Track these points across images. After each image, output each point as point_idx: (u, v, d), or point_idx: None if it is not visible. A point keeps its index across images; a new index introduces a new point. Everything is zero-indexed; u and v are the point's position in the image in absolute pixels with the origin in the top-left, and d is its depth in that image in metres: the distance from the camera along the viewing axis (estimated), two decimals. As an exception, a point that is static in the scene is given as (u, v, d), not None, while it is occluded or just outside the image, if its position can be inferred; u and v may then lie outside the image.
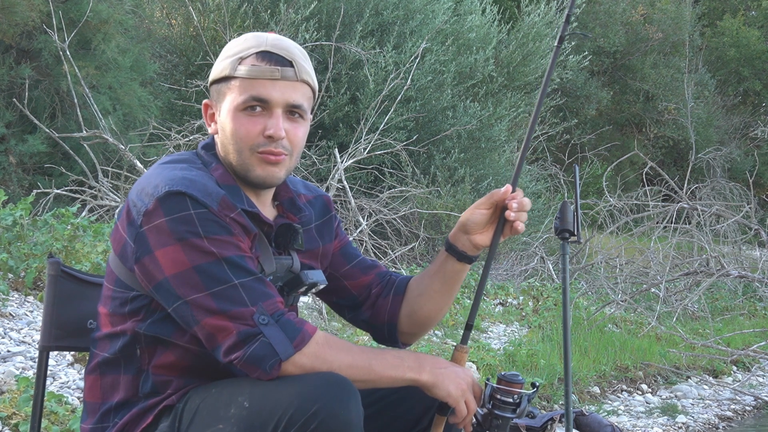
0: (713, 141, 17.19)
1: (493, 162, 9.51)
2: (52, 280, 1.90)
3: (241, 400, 1.56)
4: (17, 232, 4.60)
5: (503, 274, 8.76)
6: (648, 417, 4.82)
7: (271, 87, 1.67)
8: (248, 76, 1.66)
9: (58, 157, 6.80)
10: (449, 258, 1.84)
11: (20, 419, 2.88)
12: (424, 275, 1.91)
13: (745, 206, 8.18)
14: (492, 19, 10.11)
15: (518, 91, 10.72)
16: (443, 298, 1.89)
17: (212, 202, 1.59)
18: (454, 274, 1.86)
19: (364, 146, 7.42)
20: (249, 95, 1.66)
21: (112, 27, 7.01)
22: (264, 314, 1.57)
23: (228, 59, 1.70)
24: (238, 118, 1.67)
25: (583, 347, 5.67)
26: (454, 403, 1.67)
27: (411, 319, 1.92)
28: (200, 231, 1.57)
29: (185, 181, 1.60)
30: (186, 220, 1.57)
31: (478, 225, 1.80)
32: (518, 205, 1.77)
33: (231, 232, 1.60)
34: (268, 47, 1.68)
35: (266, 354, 1.55)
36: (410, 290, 1.91)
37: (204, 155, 1.74)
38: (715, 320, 7.39)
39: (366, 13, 8.53)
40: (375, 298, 1.93)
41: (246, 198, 1.70)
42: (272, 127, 1.66)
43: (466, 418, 1.69)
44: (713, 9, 21.98)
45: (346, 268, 1.93)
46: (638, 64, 17.97)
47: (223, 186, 1.67)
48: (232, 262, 1.58)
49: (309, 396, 1.52)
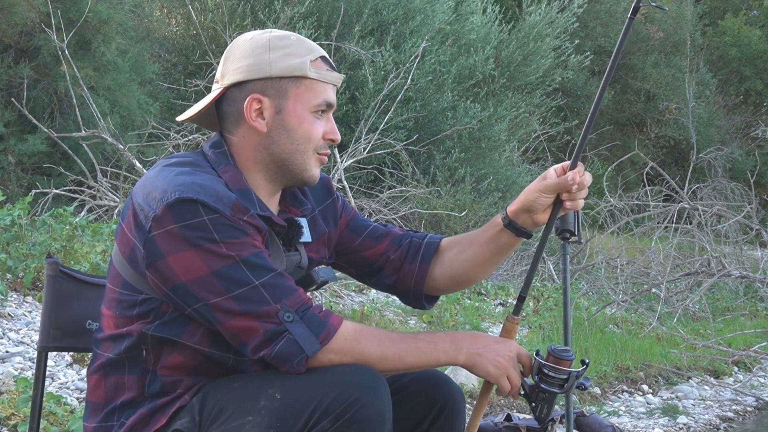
0: (714, 141, 17.18)
1: (493, 162, 9.50)
2: (51, 280, 1.89)
3: (272, 392, 1.57)
4: (16, 232, 4.58)
5: (503, 274, 8.74)
6: (649, 418, 4.81)
7: (332, 92, 1.75)
8: (322, 80, 1.71)
9: (57, 157, 6.79)
10: (506, 232, 1.85)
11: (19, 420, 2.87)
12: (472, 242, 1.91)
13: (747, 206, 8.16)
14: (493, 19, 10.10)
15: (519, 91, 10.71)
16: (492, 265, 1.93)
17: (224, 207, 1.59)
18: (509, 247, 1.88)
19: (363, 146, 7.41)
20: (323, 99, 1.71)
21: (113, 28, 7.00)
22: (289, 311, 1.58)
23: (297, 58, 1.70)
24: (310, 120, 1.72)
25: (584, 348, 5.66)
26: (495, 381, 1.70)
27: (452, 280, 1.95)
28: (215, 236, 1.57)
29: (195, 187, 1.59)
30: (199, 226, 1.57)
31: (542, 206, 1.81)
32: (578, 185, 1.77)
33: (246, 233, 1.60)
34: (323, 53, 1.75)
35: (293, 351, 1.57)
36: (450, 254, 1.93)
37: (212, 155, 1.72)
38: (716, 321, 7.37)
39: (365, 13, 8.52)
40: (399, 263, 1.94)
41: (258, 200, 1.69)
42: (334, 131, 1.75)
43: (512, 391, 1.73)
44: (714, 8, 21.98)
45: (358, 242, 1.94)
46: (639, 63, 17.96)
47: (234, 190, 1.65)
48: (250, 263, 1.59)
49: (343, 387, 1.54)
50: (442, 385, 1.83)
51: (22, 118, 6.49)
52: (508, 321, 1.79)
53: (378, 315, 5.76)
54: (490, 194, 8.96)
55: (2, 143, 6.65)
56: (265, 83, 1.69)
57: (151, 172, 1.69)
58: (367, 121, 7.50)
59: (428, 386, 1.82)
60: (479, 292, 7.53)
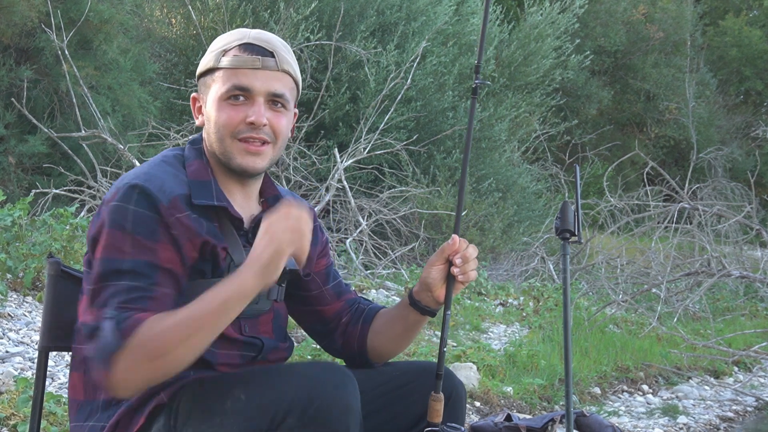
0: (714, 141, 17.19)
1: (493, 162, 9.50)
2: (52, 280, 1.89)
3: (237, 393, 1.58)
4: (16, 232, 4.58)
5: (504, 274, 8.75)
6: (649, 418, 4.81)
7: (252, 76, 1.71)
8: (231, 66, 1.71)
9: (57, 157, 6.79)
10: (412, 310, 1.87)
11: (19, 420, 2.86)
12: (387, 317, 1.94)
13: (747, 206, 8.16)
14: (494, 19, 10.10)
15: (519, 91, 10.71)
16: (403, 341, 1.95)
17: (164, 198, 1.63)
18: (416, 324, 1.90)
19: (364, 146, 7.41)
20: (232, 84, 1.71)
21: (114, 27, 7.00)
22: (113, 311, 1.55)
23: (213, 53, 1.76)
24: (222, 107, 1.72)
25: (584, 348, 5.66)
26: (300, 246, 1.55)
27: (375, 351, 1.95)
28: (129, 226, 1.60)
29: (146, 176, 1.65)
30: (123, 211, 1.61)
31: (438, 281, 1.82)
32: (462, 259, 1.78)
33: (157, 239, 1.60)
34: (250, 39, 1.74)
35: (100, 348, 1.52)
36: (375, 324, 1.94)
37: (188, 150, 1.78)
38: (716, 321, 7.38)
39: (369, 14, 8.53)
40: (345, 327, 1.95)
41: (217, 192, 1.72)
42: (254, 114, 1.70)
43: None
44: (714, 8, 21.98)
45: (327, 287, 1.94)
46: (639, 63, 17.97)
47: (193, 181, 1.70)
48: (136, 265, 1.58)
49: (306, 383, 1.55)
50: (444, 378, 1.84)
51: (23, 119, 6.49)
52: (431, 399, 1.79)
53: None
54: (490, 194, 8.96)
55: (2, 144, 6.65)
56: (199, 81, 1.79)
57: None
58: (367, 121, 7.50)
59: (431, 380, 1.82)
60: (479, 292, 7.53)
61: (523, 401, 4.39)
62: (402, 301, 1.92)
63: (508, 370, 4.79)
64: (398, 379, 1.88)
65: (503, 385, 4.47)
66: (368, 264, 7.27)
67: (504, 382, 4.56)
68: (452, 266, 1.79)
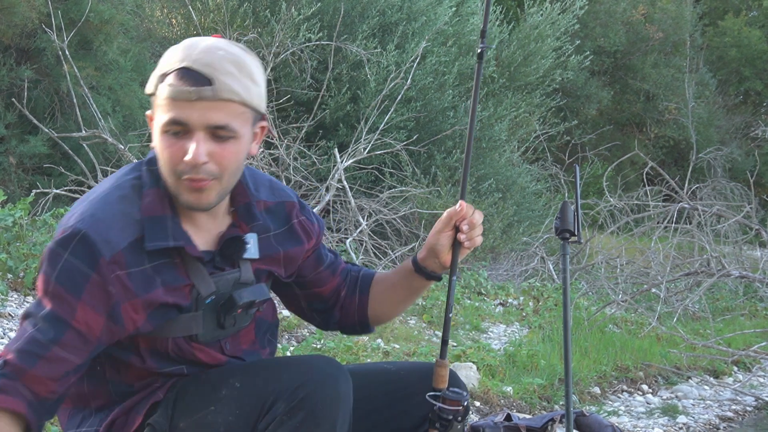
0: (714, 141, 17.18)
1: (493, 162, 9.50)
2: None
3: (233, 381, 1.59)
4: (16, 232, 4.59)
5: (503, 274, 8.75)
6: (648, 417, 4.81)
7: (188, 108, 1.55)
8: (168, 96, 1.56)
9: (58, 157, 6.79)
10: (417, 276, 1.88)
11: (19, 420, 2.87)
12: (386, 284, 1.95)
13: (746, 206, 8.17)
14: (494, 19, 10.11)
15: (519, 91, 10.71)
16: (405, 305, 1.98)
17: (107, 252, 1.54)
18: (421, 288, 1.92)
19: (364, 146, 7.41)
20: (169, 117, 1.56)
21: (115, 27, 7.00)
22: (7, 358, 1.53)
23: (154, 74, 1.61)
24: (164, 140, 1.58)
25: (584, 347, 5.66)
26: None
27: (375, 316, 1.97)
28: (55, 275, 1.54)
29: (93, 220, 1.56)
30: (56, 257, 1.55)
31: (446, 248, 1.83)
32: (468, 225, 1.81)
33: (80, 297, 1.54)
34: (190, 63, 1.55)
35: None
36: (375, 290, 1.95)
37: (145, 174, 1.66)
38: (716, 320, 7.38)
39: (371, 14, 8.53)
40: (343, 300, 1.95)
41: (174, 228, 1.62)
42: (191, 152, 1.55)
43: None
44: (714, 9, 21.97)
45: (319, 270, 1.92)
46: (639, 63, 17.96)
47: (147, 218, 1.61)
48: (48, 316, 1.54)
49: (298, 372, 1.57)
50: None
51: (23, 119, 6.49)
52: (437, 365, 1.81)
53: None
54: (490, 194, 8.96)
55: (3, 144, 6.65)
56: (150, 99, 1.64)
57: (97, 185, 1.70)
58: (367, 121, 7.50)
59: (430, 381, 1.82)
60: (479, 292, 7.53)
61: (523, 401, 4.40)
62: (403, 269, 1.91)
63: (508, 369, 4.79)
64: (400, 380, 1.88)
65: (503, 385, 4.48)
66: (368, 264, 7.28)
67: (504, 381, 4.56)
68: (459, 232, 1.81)
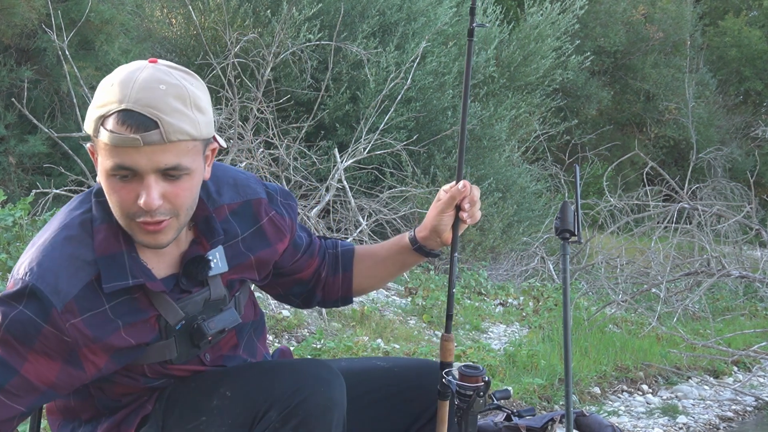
0: (714, 141, 17.18)
1: (493, 161, 9.50)
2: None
3: (224, 391, 1.58)
4: (16, 232, 4.59)
5: (503, 274, 8.75)
6: (648, 417, 4.82)
7: (135, 154, 1.45)
8: (110, 143, 1.46)
9: (58, 157, 6.79)
10: (414, 254, 1.90)
11: (19, 420, 2.87)
12: (375, 259, 1.94)
13: (746, 206, 8.17)
14: (494, 19, 10.11)
15: (519, 91, 10.71)
16: (392, 278, 2.03)
17: (58, 302, 1.48)
18: (413, 263, 1.96)
19: (364, 146, 7.41)
20: (114, 163, 1.47)
21: (115, 27, 7.00)
22: None
23: (92, 114, 1.50)
24: (111, 184, 1.51)
25: (584, 347, 5.67)
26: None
27: (360, 289, 1.98)
28: (6, 323, 1.49)
29: (40, 271, 1.50)
30: (8, 308, 1.49)
31: (448, 226, 1.85)
32: (470, 202, 1.84)
33: (31, 347, 1.49)
34: (130, 104, 1.45)
35: None
36: (361, 266, 1.95)
37: (95, 208, 1.59)
38: (716, 320, 7.38)
39: (371, 14, 8.53)
40: (324, 280, 1.94)
41: (131, 264, 1.56)
42: (144, 196, 1.48)
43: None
44: (714, 9, 21.97)
45: (296, 259, 1.88)
46: (639, 63, 17.96)
47: (101, 258, 1.54)
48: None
49: (291, 378, 1.55)
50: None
51: (23, 119, 6.50)
52: (443, 339, 1.80)
53: (378, 315, 5.77)
54: (490, 194, 8.96)
55: (3, 144, 6.66)
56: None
57: (48, 224, 1.63)
58: (367, 121, 7.50)
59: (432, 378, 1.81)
60: (479, 292, 7.53)
61: (523, 401, 4.40)
62: (396, 245, 1.93)
63: (508, 369, 4.80)
64: (394, 376, 1.88)
65: (503, 385, 4.48)
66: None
67: (504, 381, 4.56)
68: (460, 210, 1.84)
